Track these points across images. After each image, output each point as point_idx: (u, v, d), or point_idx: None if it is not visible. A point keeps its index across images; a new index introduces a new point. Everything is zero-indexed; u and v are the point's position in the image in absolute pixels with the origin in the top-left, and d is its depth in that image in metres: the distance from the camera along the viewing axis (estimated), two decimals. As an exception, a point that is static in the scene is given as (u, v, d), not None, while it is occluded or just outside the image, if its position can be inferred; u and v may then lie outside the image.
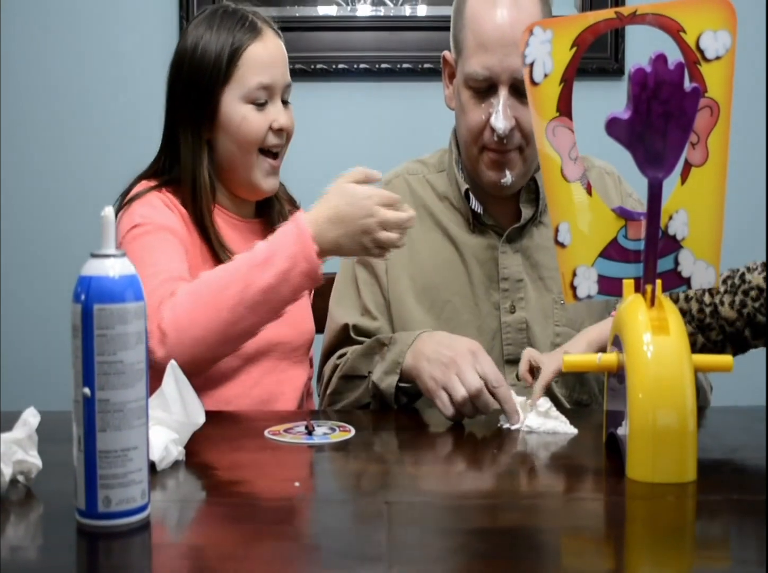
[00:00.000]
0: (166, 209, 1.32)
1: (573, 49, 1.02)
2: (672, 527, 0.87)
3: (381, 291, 1.39)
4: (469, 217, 1.39)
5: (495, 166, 1.33)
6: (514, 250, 1.38)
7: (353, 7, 2.15)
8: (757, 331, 1.20)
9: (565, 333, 1.35)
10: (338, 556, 0.78)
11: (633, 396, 0.94)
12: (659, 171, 0.98)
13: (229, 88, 1.31)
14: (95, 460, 0.80)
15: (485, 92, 1.30)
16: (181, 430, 0.99)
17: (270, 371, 1.35)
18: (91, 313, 0.80)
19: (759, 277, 1.18)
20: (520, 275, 1.37)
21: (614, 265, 1.05)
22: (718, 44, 1.00)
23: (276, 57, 1.35)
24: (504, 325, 1.35)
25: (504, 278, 1.37)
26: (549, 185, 1.05)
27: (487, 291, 1.37)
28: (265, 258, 1.16)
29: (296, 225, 1.18)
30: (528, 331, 1.35)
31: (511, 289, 1.37)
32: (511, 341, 1.35)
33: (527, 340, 1.35)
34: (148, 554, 0.81)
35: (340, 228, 1.16)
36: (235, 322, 1.15)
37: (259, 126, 1.32)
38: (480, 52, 1.29)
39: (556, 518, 0.88)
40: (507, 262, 1.37)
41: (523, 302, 1.36)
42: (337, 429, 1.11)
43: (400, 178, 1.44)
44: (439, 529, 0.86)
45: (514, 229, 1.38)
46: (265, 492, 0.93)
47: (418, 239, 1.38)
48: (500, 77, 1.29)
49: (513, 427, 1.12)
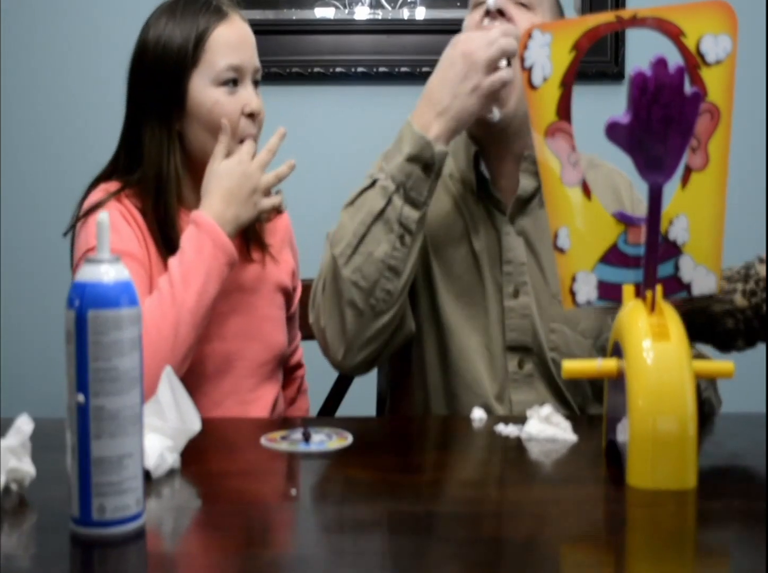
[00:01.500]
0: (124, 224, 1.28)
1: (572, 53, 1.01)
2: (672, 535, 0.86)
3: None
4: (474, 187, 1.34)
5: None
6: (517, 231, 1.33)
7: (351, 10, 2.15)
8: (764, 322, 1.19)
9: (561, 331, 1.32)
10: (335, 564, 0.77)
11: (633, 403, 0.93)
12: (659, 176, 0.97)
13: (197, 72, 1.28)
14: (89, 467, 0.79)
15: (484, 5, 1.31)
16: (177, 438, 0.98)
17: (232, 392, 1.31)
18: (85, 319, 0.79)
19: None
20: (522, 258, 1.33)
21: (614, 270, 1.04)
22: (718, 48, 1.00)
23: (244, 38, 1.32)
24: (507, 310, 1.31)
25: (507, 261, 1.32)
26: (548, 190, 1.04)
27: (492, 271, 1.33)
28: (182, 273, 1.21)
29: (197, 225, 1.24)
30: (532, 317, 1.31)
31: (514, 272, 1.32)
32: (515, 327, 1.31)
33: (531, 328, 1.31)
34: (143, 562, 0.80)
35: (233, 202, 1.25)
36: (183, 341, 1.20)
37: (232, 109, 1.29)
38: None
39: (557, 526, 0.87)
40: (511, 244, 1.33)
41: (527, 287, 1.32)
42: (335, 436, 1.10)
43: None
44: (438, 537, 0.85)
45: (517, 204, 1.33)
46: (261, 500, 0.92)
47: (433, 207, 1.30)
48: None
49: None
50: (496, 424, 1.14)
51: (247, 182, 1.26)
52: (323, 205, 2.05)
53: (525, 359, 1.32)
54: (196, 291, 1.21)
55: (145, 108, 1.31)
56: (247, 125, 1.30)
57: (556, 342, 1.32)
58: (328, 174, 2.14)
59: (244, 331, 1.33)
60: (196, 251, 1.23)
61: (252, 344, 1.34)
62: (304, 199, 2.13)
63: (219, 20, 1.29)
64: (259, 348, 1.34)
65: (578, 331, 1.33)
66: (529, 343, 1.32)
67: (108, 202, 1.29)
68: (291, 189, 2.17)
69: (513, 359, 1.31)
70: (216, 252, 1.23)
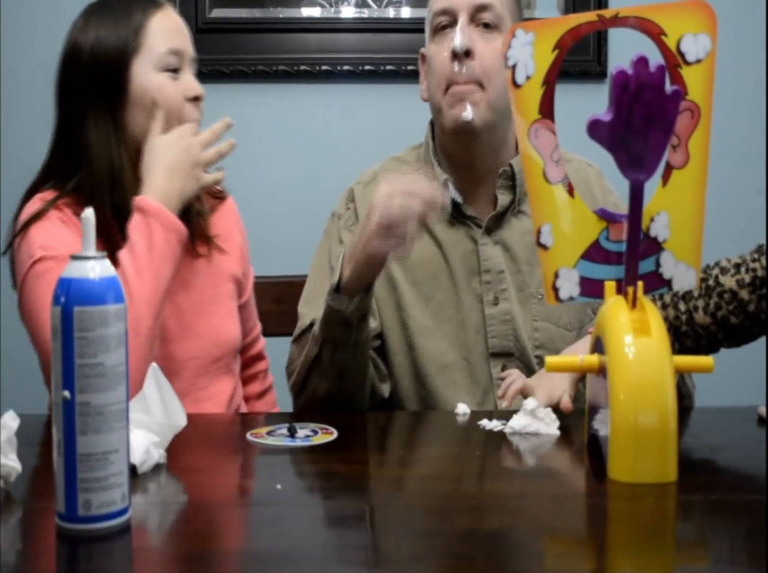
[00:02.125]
0: (67, 232, 1.25)
1: (555, 52, 1.02)
2: (653, 527, 0.87)
3: None
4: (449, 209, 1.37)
5: (456, 100, 1.32)
6: (493, 241, 1.38)
7: (337, 8, 2.15)
8: (730, 332, 1.22)
9: (544, 328, 1.35)
10: (319, 558, 0.78)
11: (615, 397, 0.94)
12: (640, 173, 0.98)
13: (139, 59, 1.27)
14: (75, 463, 0.80)
15: (448, 31, 1.34)
16: (163, 433, 0.99)
17: (185, 393, 1.26)
18: (71, 316, 0.79)
19: (732, 280, 1.20)
20: (501, 267, 1.37)
21: (596, 266, 1.05)
22: (698, 47, 1.01)
23: (181, 26, 1.32)
24: (488, 318, 1.35)
25: (486, 270, 1.37)
26: (531, 187, 1.05)
27: (469, 284, 1.37)
28: (135, 266, 1.20)
29: (143, 211, 1.22)
30: (513, 322, 1.35)
31: (493, 280, 1.36)
32: (496, 334, 1.35)
33: (513, 332, 1.35)
34: (129, 558, 0.80)
35: (175, 176, 1.24)
36: (146, 335, 1.19)
37: (175, 93, 1.28)
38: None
39: (538, 519, 0.88)
40: (488, 254, 1.37)
41: (506, 293, 1.36)
42: (320, 431, 1.11)
43: (378, 180, 1.43)
44: (421, 531, 0.86)
45: (493, 218, 1.37)
46: (247, 495, 0.93)
47: None
48: (459, 5, 1.33)
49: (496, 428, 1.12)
50: (480, 419, 1.16)
51: (188, 156, 1.25)
52: (309, 201, 2.07)
53: (508, 364, 1.35)
54: (152, 281, 1.20)
55: (84, 105, 1.28)
56: (190, 110, 1.29)
57: (541, 339, 1.34)
58: (313, 170, 2.14)
59: (192, 331, 1.31)
60: (146, 239, 1.21)
61: (201, 343, 1.32)
62: (288, 195, 2.14)
63: (155, 9, 1.30)
64: (208, 346, 1.32)
65: (561, 326, 1.36)
66: (511, 347, 1.35)
67: (48, 212, 1.25)
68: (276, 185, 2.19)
69: (496, 365, 1.35)
70: (167, 235, 1.21)
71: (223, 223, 1.40)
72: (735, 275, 1.20)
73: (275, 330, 1.58)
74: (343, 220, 1.42)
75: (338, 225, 1.42)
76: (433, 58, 1.37)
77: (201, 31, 2.11)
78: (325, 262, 1.40)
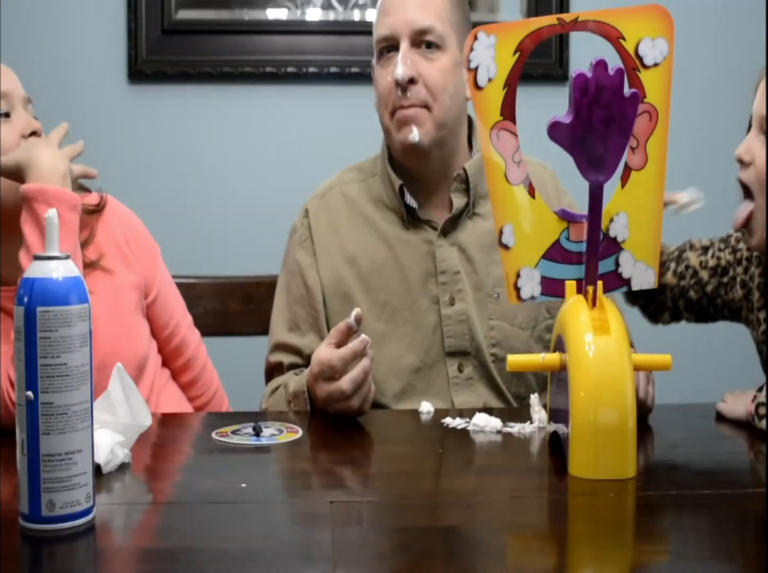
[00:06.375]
0: None
1: (516, 54, 1.04)
2: (613, 523, 0.89)
3: (312, 303, 1.40)
4: (404, 215, 1.40)
5: (402, 124, 1.35)
6: (449, 243, 1.39)
7: (303, 11, 2.16)
8: (689, 305, 1.30)
9: (500, 326, 1.37)
10: (284, 556, 0.79)
11: (575, 395, 0.96)
12: (600, 174, 1.00)
13: None
14: (38, 463, 0.80)
15: (392, 55, 1.36)
16: (127, 433, 0.99)
17: None
18: (34, 316, 0.79)
19: (696, 259, 1.28)
20: (457, 268, 1.38)
21: (557, 266, 1.07)
22: (656, 51, 1.03)
23: (3, 70, 1.27)
24: (444, 318, 1.37)
25: (442, 272, 1.38)
26: (493, 188, 1.06)
27: (425, 286, 1.38)
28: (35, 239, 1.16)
29: (24, 202, 1.18)
30: (468, 322, 1.37)
31: (449, 281, 1.38)
32: (452, 333, 1.37)
33: (468, 332, 1.36)
34: (93, 558, 0.80)
35: (46, 160, 1.19)
36: None
37: (10, 136, 1.23)
38: (382, 18, 1.38)
39: (500, 516, 0.89)
40: (444, 255, 1.39)
41: (462, 294, 1.38)
42: (285, 430, 1.12)
43: (334, 190, 1.45)
44: (383, 528, 0.87)
45: (448, 221, 1.39)
46: (211, 493, 0.93)
47: (355, 244, 1.40)
48: (400, 32, 1.34)
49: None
50: (443, 417, 1.17)
51: (47, 142, 1.22)
52: (274, 201, 2.07)
53: (464, 363, 1.37)
54: None
55: None
56: (34, 142, 1.24)
57: (496, 338, 1.37)
58: (279, 172, 2.15)
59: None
60: (34, 226, 1.16)
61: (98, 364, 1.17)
62: (256, 197, 2.14)
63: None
64: (102, 366, 1.13)
65: (516, 325, 1.38)
66: (467, 347, 1.37)
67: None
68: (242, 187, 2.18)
69: (453, 364, 1.36)
70: (59, 210, 1.12)
71: (105, 239, 1.33)
72: (701, 256, 1.28)
73: (244, 329, 1.58)
74: (297, 235, 1.44)
75: (294, 240, 1.44)
76: (378, 82, 1.39)
77: (166, 33, 2.11)
78: (283, 280, 1.45)
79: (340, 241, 1.41)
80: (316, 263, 1.40)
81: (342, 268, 1.39)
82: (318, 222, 1.42)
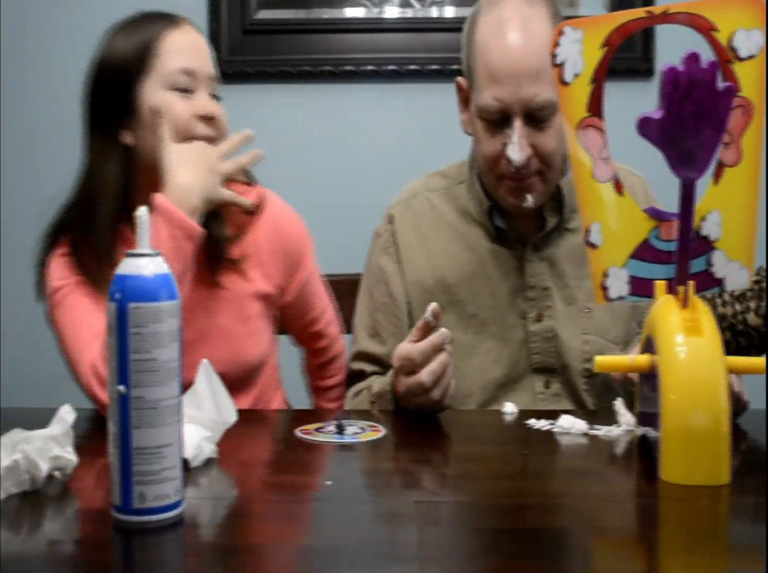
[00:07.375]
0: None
1: (603, 49, 1.02)
2: (705, 530, 0.86)
3: (396, 312, 1.39)
4: (491, 232, 1.37)
5: (514, 193, 1.31)
6: (539, 258, 1.37)
7: (380, 9, 2.16)
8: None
9: (594, 341, 1.35)
10: (369, 555, 0.78)
11: (666, 397, 0.93)
12: (692, 171, 0.97)
13: (149, 78, 1.23)
14: (130, 456, 0.81)
15: (500, 123, 1.28)
16: (214, 428, 1.00)
17: None
18: (126, 312, 0.81)
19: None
20: (546, 283, 1.36)
21: (646, 265, 1.04)
22: (750, 43, 1.00)
23: (198, 44, 1.27)
24: (531, 334, 1.35)
25: (530, 287, 1.36)
26: (580, 186, 1.04)
27: (513, 301, 1.36)
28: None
29: (153, 210, 1.16)
30: (556, 339, 1.34)
31: (537, 297, 1.36)
32: (539, 350, 1.35)
33: (555, 349, 1.34)
34: (182, 550, 0.81)
35: (191, 175, 1.19)
36: None
37: (184, 111, 1.22)
38: (491, 84, 1.26)
39: (588, 519, 0.87)
40: (533, 271, 1.36)
41: (550, 310, 1.35)
42: (368, 429, 1.12)
43: (420, 197, 1.42)
44: (469, 528, 0.86)
45: (539, 238, 1.37)
46: (296, 490, 0.94)
47: (442, 253, 1.38)
48: (513, 108, 1.25)
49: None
50: (527, 419, 1.15)
51: (205, 157, 1.21)
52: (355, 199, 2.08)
53: (551, 380, 1.35)
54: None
55: (93, 125, 1.26)
56: (202, 128, 1.24)
57: (591, 352, 1.33)
58: (358, 172, 2.15)
59: (216, 356, 1.19)
60: (153, 238, 1.14)
61: (220, 366, 1.15)
62: (333, 199, 2.15)
63: (171, 27, 1.26)
64: (226, 367, 1.21)
65: (610, 340, 1.35)
66: (554, 364, 1.35)
67: (67, 286, 1.24)
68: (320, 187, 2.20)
69: (539, 380, 1.35)
70: (173, 231, 1.17)
71: (249, 242, 1.33)
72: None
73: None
74: (381, 241, 1.43)
75: (377, 245, 1.43)
76: (483, 145, 1.31)
77: (247, 33, 2.14)
78: (365, 285, 1.44)
79: (426, 249, 1.39)
80: (401, 271, 1.39)
81: (428, 278, 1.38)
82: (403, 229, 1.41)
